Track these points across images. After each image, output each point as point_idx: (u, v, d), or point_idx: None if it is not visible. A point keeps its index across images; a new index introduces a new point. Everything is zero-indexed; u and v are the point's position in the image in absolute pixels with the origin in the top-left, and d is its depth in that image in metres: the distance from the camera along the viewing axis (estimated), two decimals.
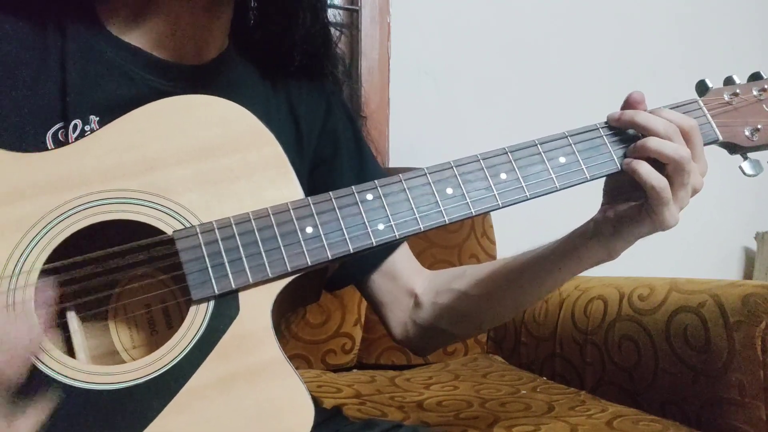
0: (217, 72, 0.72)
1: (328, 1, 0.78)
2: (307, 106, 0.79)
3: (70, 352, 0.55)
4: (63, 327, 0.55)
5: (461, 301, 0.77)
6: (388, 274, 0.81)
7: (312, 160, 0.79)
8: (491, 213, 1.55)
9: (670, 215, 0.63)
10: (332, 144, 0.80)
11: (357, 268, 0.80)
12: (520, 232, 1.86)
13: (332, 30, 0.79)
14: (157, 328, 0.59)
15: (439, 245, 1.47)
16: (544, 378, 1.28)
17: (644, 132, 0.63)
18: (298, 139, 0.77)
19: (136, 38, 0.67)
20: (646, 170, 0.62)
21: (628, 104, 0.67)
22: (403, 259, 0.82)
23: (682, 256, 2.03)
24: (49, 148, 0.60)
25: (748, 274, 2.18)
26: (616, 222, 0.66)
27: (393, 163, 1.69)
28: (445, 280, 0.79)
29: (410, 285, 0.81)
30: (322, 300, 0.69)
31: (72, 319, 0.55)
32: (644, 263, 1.89)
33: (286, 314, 0.66)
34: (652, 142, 0.62)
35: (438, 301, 0.78)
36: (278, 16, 0.74)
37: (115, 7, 0.67)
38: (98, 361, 0.56)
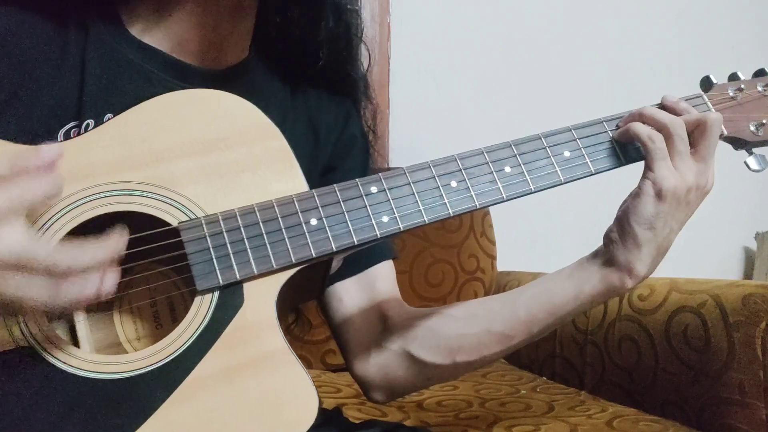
0: (236, 78, 0.71)
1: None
2: (327, 117, 0.78)
3: (75, 343, 0.55)
4: (68, 318, 0.56)
5: (443, 322, 0.71)
6: (366, 286, 0.76)
7: (323, 167, 0.78)
8: (491, 213, 1.56)
9: (669, 170, 0.62)
10: (345, 154, 0.80)
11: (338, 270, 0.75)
12: (520, 232, 1.87)
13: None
14: (161, 320, 0.59)
15: (438, 244, 1.47)
16: (544, 378, 1.28)
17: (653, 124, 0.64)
18: (314, 147, 0.77)
19: (157, 40, 0.67)
20: (638, 125, 0.63)
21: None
22: (386, 280, 0.78)
23: (682, 256, 2.03)
24: None
25: (748, 274, 2.18)
26: (620, 221, 0.64)
27: (393, 163, 1.69)
28: (431, 309, 0.74)
29: (384, 307, 0.75)
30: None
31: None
32: None
33: (291, 308, 0.66)
34: (646, 110, 0.64)
35: (414, 323, 0.72)
36: (302, 15, 0.73)
37: (137, 9, 0.67)
38: (102, 352, 0.57)
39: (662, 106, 0.67)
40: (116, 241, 0.47)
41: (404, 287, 0.81)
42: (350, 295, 0.76)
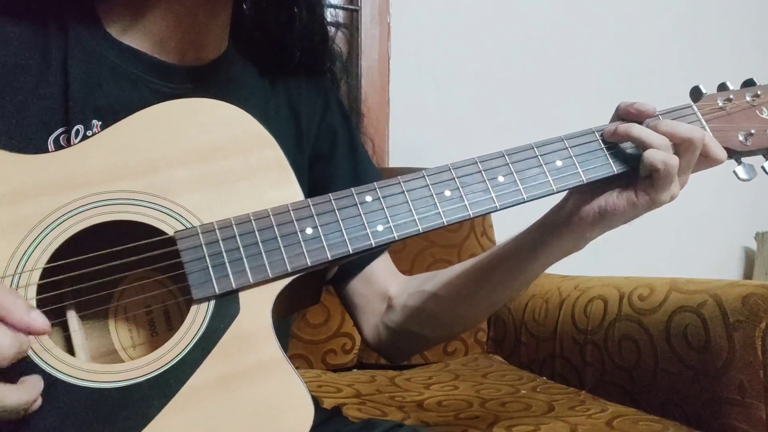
0: (218, 72, 0.72)
1: (327, 1, 0.78)
2: (307, 104, 0.79)
3: (70, 351, 0.55)
4: (63, 326, 0.56)
5: (431, 302, 0.77)
6: (366, 278, 0.81)
7: (311, 156, 0.79)
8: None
9: (667, 194, 0.63)
10: (329, 141, 0.81)
11: (339, 272, 0.80)
12: (520, 231, 1.87)
13: (329, 27, 0.80)
14: (156, 328, 0.59)
15: (438, 244, 1.47)
16: (544, 378, 1.28)
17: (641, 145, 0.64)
18: (298, 135, 0.78)
19: (136, 41, 0.67)
20: (654, 153, 0.61)
21: (619, 115, 0.67)
22: (381, 263, 0.82)
23: (682, 256, 2.03)
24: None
25: (748, 274, 2.19)
26: (604, 213, 0.65)
27: (393, 163, 1.69)
28: (417, 283, 0.79)
29: (385, 289, 0.81)
30: (322, 299, 0.69)
31: (72, 318, 0.56)
32: (644, 263, 1.89)
33: (288, 316, 0.66)
34: (635, 129, 0.63)
35: (409, 304, 0.78)
36: (275, 12, 0.74)
37: (115, 11, 0.68)
38: (98, 361, 0.57)
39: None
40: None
41: None
42: (353, 288, 0.82)
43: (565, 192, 0.66)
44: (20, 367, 0.48)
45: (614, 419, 0.95)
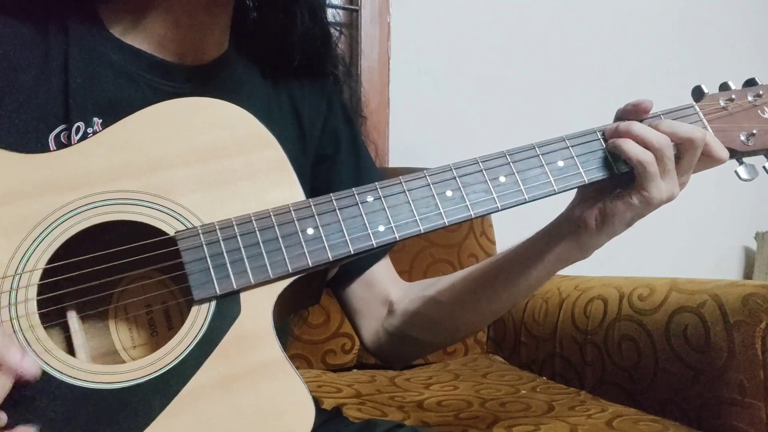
0: (219, 72, 0.72)
1: (327, 1, 0.78)
2: (309, 106, 0.79)
3: (71, 351, 0.55)
4: (63, 327, 0.56)
5: (432, 307, 0.77)
6: (366, 282, 0.81)
7: (314, 158, 0.80)
8: None
9: (658, 190, 0.63)
10: (332, 143, 0.81)
11: (339, 274, 0.80)
12: (520, 231, 1.87)
13: (332, 30, 0.80)
14: (157, 329, 0.59)
15: (438, 244, 1.47)
16: (544, 378, 1.28)
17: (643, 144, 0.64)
18: (301, 135, 0.78)
19: (137, 40, 0.68)
20: (630, 146, 0.62)
21: (618, 117, 0.67)
22: (382, 268, 0.82)
23: (682, 256, 2.04)
24: (52, 150, 0.61)
25: (748, 274, 2.19)
26: (605, 216, 0.65)
27: (393, 163, 1.69)
28: (419, 289, 0.79)
29: (386, 293, 0.81)
30: (321, 300, 0.69)
31: (72, 318, 0.56)
32: (644, 263, 1.89)
33: (288, 316, 0.66)
34: (635, 127, 0.63)
35: (410, 309, 0.78)
36: (276, 16, 0.74)
37: (116, 9, 0.68)
38: (98, 361, 0.57)
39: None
40: None
41: None
42: (353, 293, 0.81)
43: (565, 192, 0.66)
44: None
45: (614, 419, 0.95)
